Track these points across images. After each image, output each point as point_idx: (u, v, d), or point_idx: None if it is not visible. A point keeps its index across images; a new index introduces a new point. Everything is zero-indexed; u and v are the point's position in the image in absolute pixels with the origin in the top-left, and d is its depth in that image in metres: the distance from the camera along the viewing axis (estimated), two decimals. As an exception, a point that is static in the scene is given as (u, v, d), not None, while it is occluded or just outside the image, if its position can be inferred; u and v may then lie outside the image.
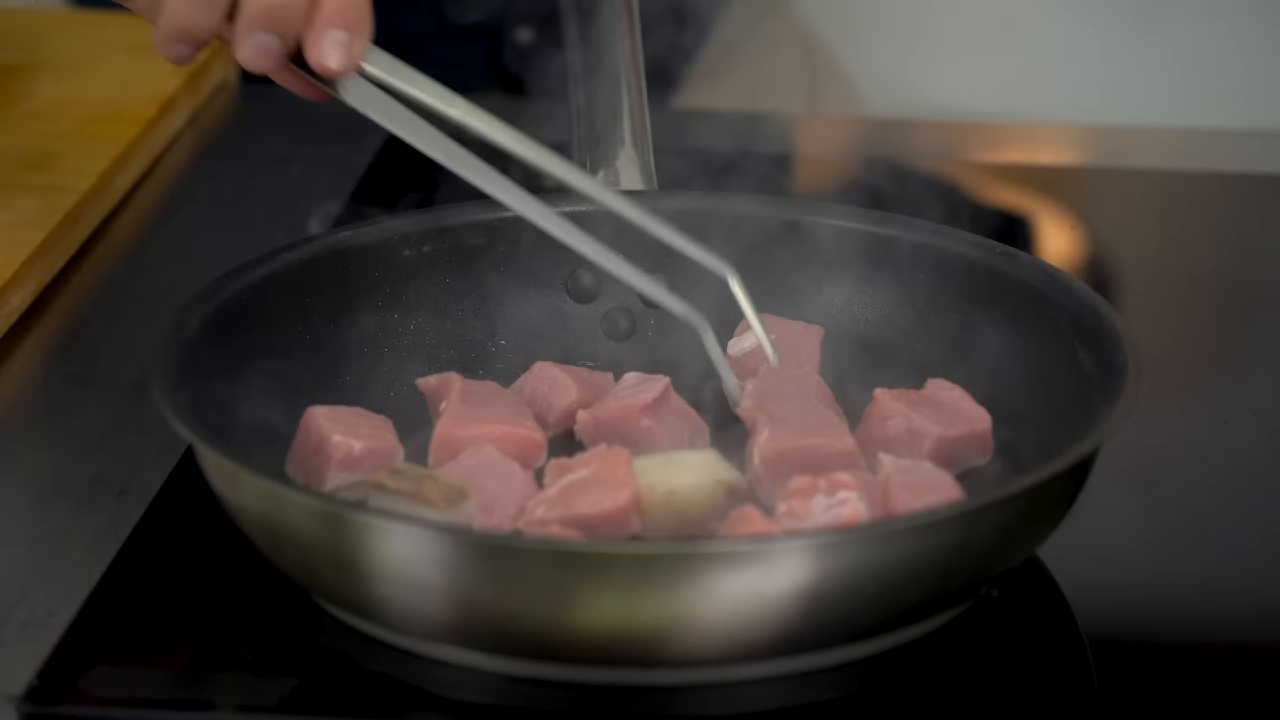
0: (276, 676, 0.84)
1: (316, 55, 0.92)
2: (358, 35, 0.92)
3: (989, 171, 1.30)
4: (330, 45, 0.92)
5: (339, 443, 0.92)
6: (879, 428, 0.94)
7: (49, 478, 0.99)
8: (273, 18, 0.91)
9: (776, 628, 0.81)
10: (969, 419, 0.94)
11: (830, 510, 0.86)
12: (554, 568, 0.80)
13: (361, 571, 0.82)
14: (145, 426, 1.01)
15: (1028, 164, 1.32)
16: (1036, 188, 1.27)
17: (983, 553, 0.84)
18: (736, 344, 1.00)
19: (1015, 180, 1.28)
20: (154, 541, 0.93)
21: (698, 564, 0.79)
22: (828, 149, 1.34)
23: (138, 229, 1.22)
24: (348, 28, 0.92)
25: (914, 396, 0.95)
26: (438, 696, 0.84)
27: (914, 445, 0.93)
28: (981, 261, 0.99)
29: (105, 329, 1.12)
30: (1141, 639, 0.87)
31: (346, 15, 0.91)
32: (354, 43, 0.92)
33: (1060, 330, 0.95)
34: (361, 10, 0.92)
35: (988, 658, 0.86)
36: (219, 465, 0.86)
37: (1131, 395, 0.87)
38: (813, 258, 1.02)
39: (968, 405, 0.95)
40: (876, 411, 0.95)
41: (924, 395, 0.95)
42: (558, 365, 0.99)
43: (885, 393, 0.95)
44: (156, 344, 0.91)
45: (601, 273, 1.03)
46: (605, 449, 0.90)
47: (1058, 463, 0.85)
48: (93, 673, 0.85)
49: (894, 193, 1.17)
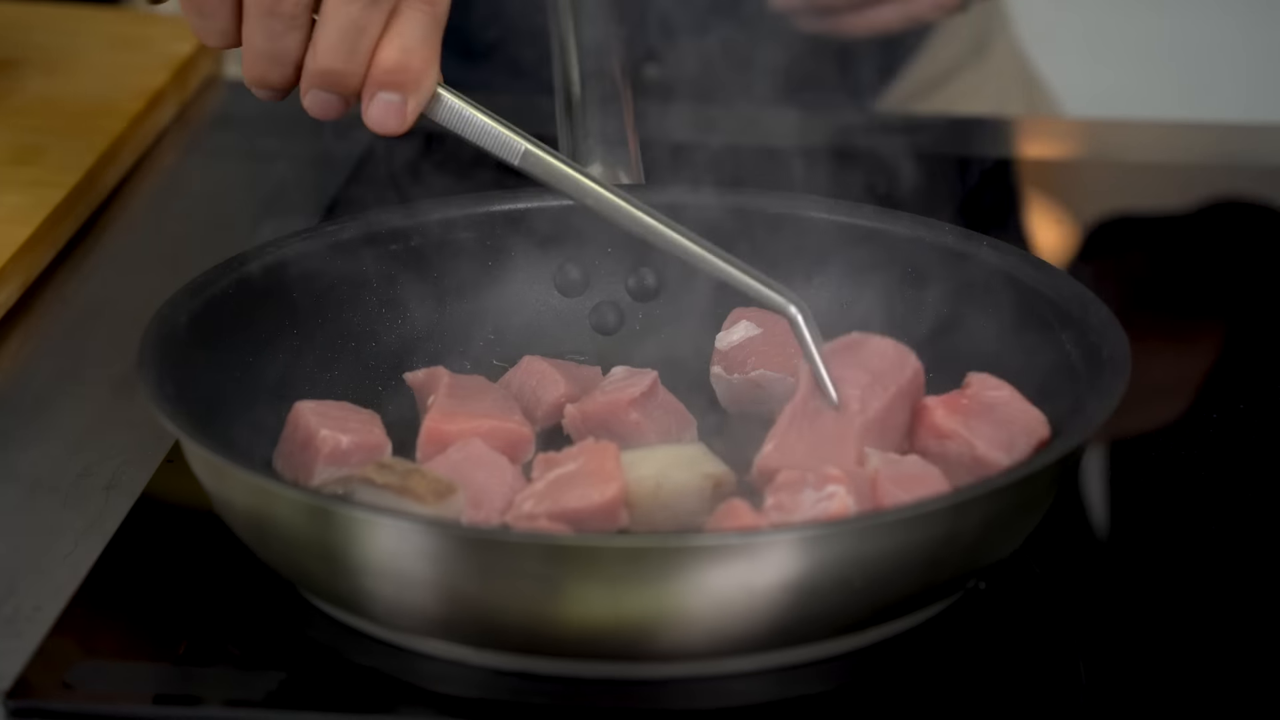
0: (264, 671, 0.84)
1: (368, 117, 0.92)
2: (412, 93, 0.91)
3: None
4: (380, 108, 0.91)
5: (326, 437, 0.92)
6: (935, 445, 0.91)
7: (36, 472, 0.98)
8: (328, 78, 0.91)
9: (764, 621, 0.81)
10: (1028, 429, 0.90)
11: (818, 504, 0.86)
12: (541, 561, 0.80)
13: (349, 566, 0.82)
14: (132, 421, 1.01)
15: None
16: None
17: (970, 545, 0.84)
18: (724, 338, 1.00)
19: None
20: (141, 536, 0.93)
21: (685, 558, 0.79)
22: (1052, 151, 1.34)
23: (125, 224, 1.22)
24: (400, 88, 0.91)
25: (966, 405, 0.91)
26: (425, 690, 0.84)
27: (977, 471, 0.90)
28: (969, 254, 0.99)
29: (92, 324, 1.12)
30: (1129, 632, 0.88)
31: (398, 75, 0.90)
32: (408, 102, 0.91)
33: (1047, 323, 0.95)
34: (415, 69, 0.91)
35: (976, 651, 0.86)
36: (206, 460, 0.86)
37: (1118, 389, 0.87)
38: (800, 250, 1.02)
39: (1023, 410, 0.90)
40: (930, 427, 0.91)
41: (975, 401, 0.91)
42: (546, 359, 0.99)
43: (936, 403, 0.91)
44: (144, 339, 0.91)
45: (589, 267, 1.03)
46: (593, 443, 0.89)
47: (1044, 456, 0.85)
48: (80, 667, 0.84)
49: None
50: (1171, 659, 0.86)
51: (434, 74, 0.92)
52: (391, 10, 0.90)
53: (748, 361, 0.99)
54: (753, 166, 1.11)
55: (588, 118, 1.05)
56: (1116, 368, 0.89)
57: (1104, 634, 0.87)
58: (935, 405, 0.91)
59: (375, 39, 0.90)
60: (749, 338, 0.99)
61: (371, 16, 0.90)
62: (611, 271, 1.04)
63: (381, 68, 0.90)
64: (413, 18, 0.90)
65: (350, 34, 0.90)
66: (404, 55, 0.90)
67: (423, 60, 0.91)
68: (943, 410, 0.91)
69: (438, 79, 0.92)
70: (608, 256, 1.04)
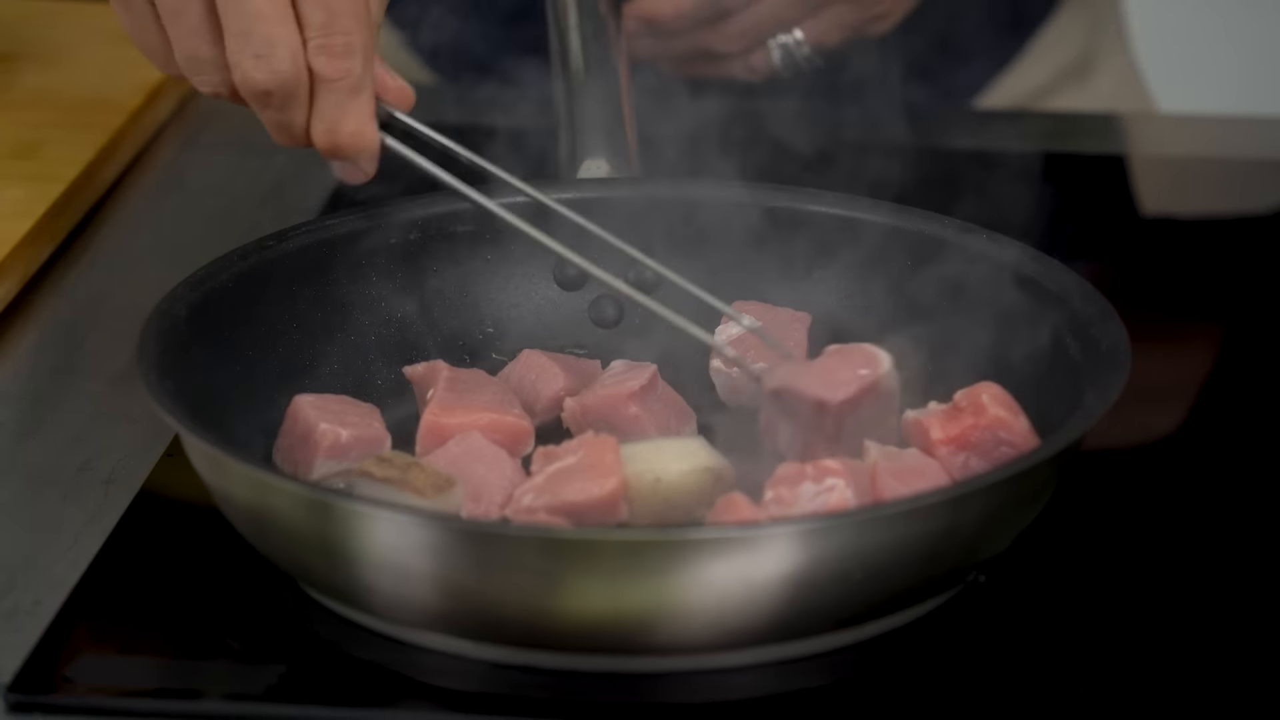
0: (263, 665, 0.84)
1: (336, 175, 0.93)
2: (357, 158, 0.91)
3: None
4: (338, 170, 0.92)
5: (326, 431, 0.92)
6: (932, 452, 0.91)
7: (36, 467, 0.98)
8: (280, 133, 0.91)
9: (763, 614, 0.81)
10: (1018, 448, 0.90)
11: (818, 497, 0.86)
12: (541, 555, 0.80)
13: (348, 559, 0.82)
14: (132, 415, 1.01)
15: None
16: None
17: (970, 538, 0.84)
18: (724, 331, 1.00)
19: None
20: (141, 530, 0.93)
21: (684, 551, 0.79)
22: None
23: (125, 218, 1.22)
24: (342, 158, 0.91)
25: (966, 428, 0.91)
26: (424, 684, 0.83)
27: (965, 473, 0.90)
28: (969, 247, 0.99)
29: (92, 318, 1.12)
30: (1129, 625, 0.87)
31: (336, 152, 0.91)
32: (359, 161, 0.91)
33: (1047, 315, 0.95)
34: (347, 146, 0.90)
35: (975, 644, 0.86)
36: (206, 453, 0.86)
37: (1117, 382, 0.87)
38: (800, 244, 1.02)
39: (1017, 431, 0.91)
40: (923, 445, 0.91)
41: (974, 421, 0.91)
42: (545, 353, 0.99)
43: (929, 422, 0.91)
44: (144, 333, 0.91)
45: (588, 261, 1.03)
46: (593, 436, 0.89)
47: (1044, 449, 0.85)
48: (80, 661, 0.84)
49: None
50: (1171, 653, 0.86)
51: (369, 138, 0.91)
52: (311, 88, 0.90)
53: (747, 355, 0.98)
54: (786, 163, 1.12)
55: (587, 110, 1.05)
56: (1115, 361, 0.89)
57: (1104, 627, 0.87)
58: (929, 425, 0.91)
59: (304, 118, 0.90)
60: (748, 331, 0.99)
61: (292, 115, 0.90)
62: (611, 265, 1.04)
63: (319, 146, 0.91)
64: (327, 96, 0.90)
65: (280, 124, 0.91)
66: (331, 134, 0.90)
67: (352, 132, 0.90)
68: (941, 437, 0.91)
69: (376, 139, 0.91)
70: (607, 250, 1.03)
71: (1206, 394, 1.05)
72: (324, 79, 0.89)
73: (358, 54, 0.89)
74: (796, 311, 1.01)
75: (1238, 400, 1.04)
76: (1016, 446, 0.90)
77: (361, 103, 0.90)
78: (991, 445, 0.91)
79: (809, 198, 1.02)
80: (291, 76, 0.88)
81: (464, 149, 0.96)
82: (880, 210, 1.01)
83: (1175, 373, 1.06)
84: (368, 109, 0.90)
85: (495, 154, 1.00)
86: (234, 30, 0.88)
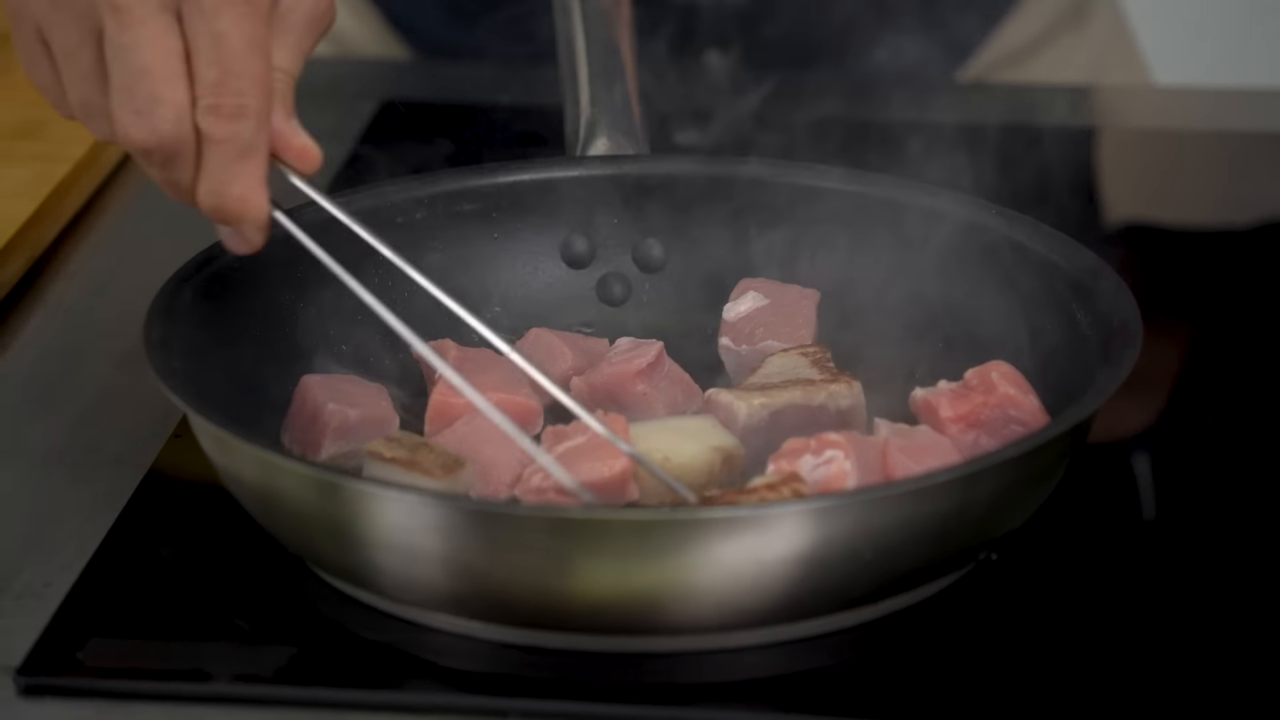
0: (273, 646, 0.84)
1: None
2: (242, 224, 0.86)
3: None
4: (224, 236, 0.88)
5: (334, 411, 0.92)
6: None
7: (43, 448, 0.98)
8: (167, 189, 0.87)
9: (773, 594, 0.81)
10: (1028, 426, 0.90)
11: (817, 469, 0.85)
12: (549, 534, 0.80)
13: (357, 540, 0.82)
14: (141, 396, 1.01)
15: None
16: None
17: (981, 516, 0.84)
18: (732, 308, 0.99)
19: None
20: (150, 512, 0.93)
21: (693, 530, 0.79)
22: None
23: (130, 198, 1.22)
24: (226, 222, 0.87)
25: (976, 407, 0.90)
26: (434, 664, 0.83)
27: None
28: (978, 223, 0.98)
29: (98, 299, 1.12)
30: (1140, 604, 0.87)
31: (220, 214, 0.86)
32: (244, 230, 0.87)
33: (1058, 292, 0.94)
34: (233, 210, 0.85)
35: (987, 623, 0.86)
36: (214, 434, 0.86)
37: (1129, 358, 0.87)
38: (809, 220, 1.01)
39: (1027, 409, 0.90)
40: (933, 423, 0.91)
41: (984, 399, 0.90)
42: (553, 331, 0.99)
43: (938, 401, 0.91)
44: (150, 313, 0.91)
45: (596, 239, 1.03)
46: (602, 416, 0.89)
47: (1055, 425, 0.85)
48: (90, 643, 0.84)
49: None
50: (1183, 632, 0.86)
51: (256, 205, 0.86)
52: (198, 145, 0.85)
53: (755, 332, 0.98)
54: (809, 139, 1.12)
55: (593, 87, 1.05)
56: (1127, 336, 0.89)
57: (1115, 606, 0.87)
58: (938, 402, 0.91)
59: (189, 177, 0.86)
60: (757, 308, 0.99)
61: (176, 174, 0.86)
62: (618, 243, 1.03)
63: (203, 208, 0.86)
64: (214, 158, 0.85)
65: (165, 181, 0.87)
66: (216, 196, 0.85)
67: (237, 198, 0.86)
68: (952, 415, 0.91)
69: (265, 207, 0.86)
70: (614, 228, 1.03)
71: (1201, 385, 1.05)
72: (211, 140, 0.84)
73: (250, 117, 0.84)
74: (805, 289, 1.00)
75: (1242, 390, 1.04)
76: (1026, 425, 0.90)
77: (251, 167, 0.85)
78: (1001, 424, 0.90)
79: (815, 173, 1.02)
80: (172, 137, 0.84)
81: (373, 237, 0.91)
82: (888, 185, 1.01)
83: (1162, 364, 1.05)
84: (257, 174, 0.85)
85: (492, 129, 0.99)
86: (117, 84, 0.84)
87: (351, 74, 1.37)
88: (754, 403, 0.92)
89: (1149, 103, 1.37)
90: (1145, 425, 1.00)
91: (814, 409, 0.92)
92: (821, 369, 0.94)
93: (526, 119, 1.20)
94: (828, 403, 0.92)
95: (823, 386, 0.93)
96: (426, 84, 1.34)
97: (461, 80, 1.32)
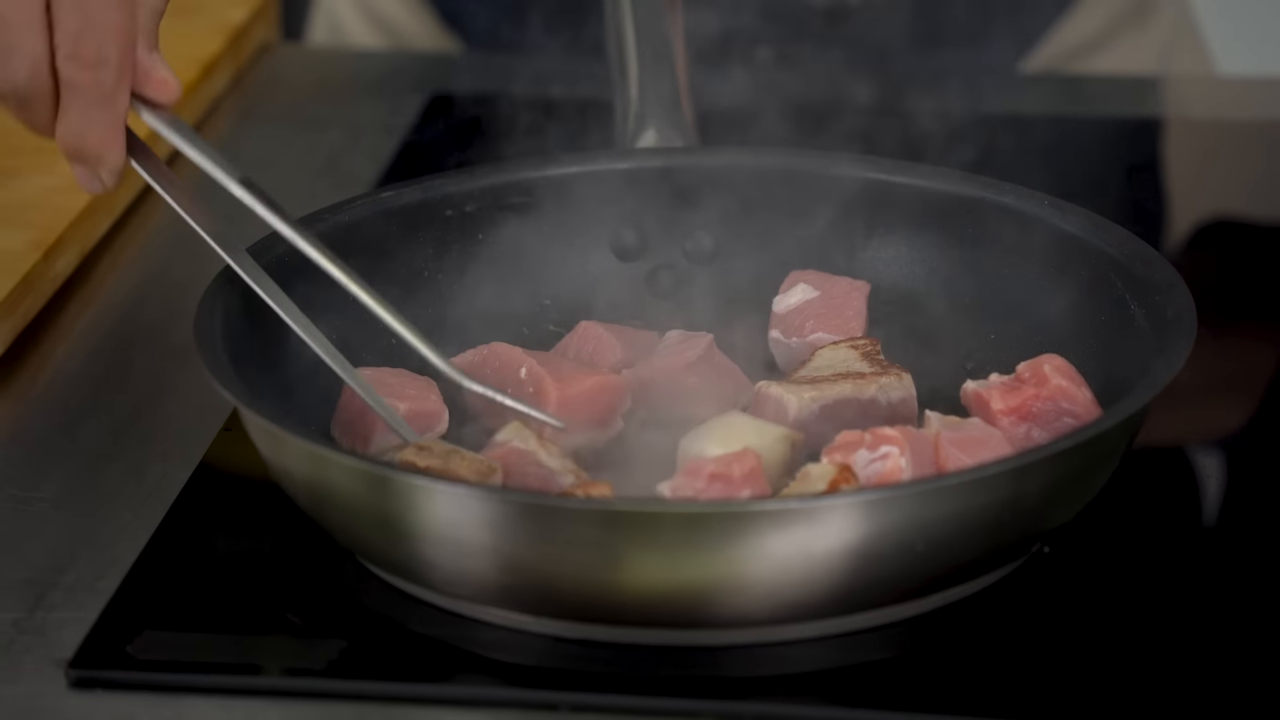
0: (323, 639, 0.84)
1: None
2: (98, 167, 0.89)
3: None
4: (77, 175, 0.90)
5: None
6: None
7: (94, 443, 0.99)
8: (27, 127, 0.89)
9: (825, 587, 0.80)
10: (1080, 419, 0.89)
11: (871, 464, 0.85)
12: (601, 528, 0.79)
13: (406, 533, 0.82)
14: (190, 390, 1.01)
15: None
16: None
17: (1034, 509, 0.83)
18: (782, 301, 0.99)
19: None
20: (201, 505, 0.93)
21: (745, 523, 0.79)
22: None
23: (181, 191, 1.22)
24: (82, 163, 0.89)
25: (1027, 399, 0.90)
26: (483, 658, 0.83)
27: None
28: (1031, 214, 0.98)
29: (150, 292, 1.12)
30: (1195, 597, 0.86)
31: (77, 155, 0.88)
32: (99, 172, 0.89)
33: (1112, 282, 0.94)
34: (91, 152, 0.88)
35: (1040, 616, 0.85)
36: (263, 428, 0.86)
37: (1184, 349, 0.86)
38: (858, 210, 1.01)
39: (1079, 401, 0.90)
40: (984, 416, 0.90)
41: (1036, 392, 0.90)
42: (602, 324, 0.99)
43: (989, 394, 0.90)
44: (200, 307, 0.91)
45: (645, 231, 1.03)
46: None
47: (1110, 417, 0.84)
48: (140, 637, 0.85)
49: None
50: (1238, 624, 0.85)
51: (114, 150, 0.89)
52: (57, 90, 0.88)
53: (805, 325, 0.98)
54: (861, 130, 1.11)
55: (642, 79, 1.04)
56: (1182, 327, 0.88)
57: (1169, 599, 0.86)
58: (988, 396, 0.90)
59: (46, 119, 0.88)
60: (806, 301, 0.99)
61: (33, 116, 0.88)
62: (668, 235, 1.03)
63: (62, 149, 0.89)
64: (74, 103, 0.88)
65: (23, 121, 0.89)
66: (76, 139, 0.88)
67: (97, 141, 0.88)
68: (1004, 409, 0.90)
69: (122, 153, 0.89)
70: (664, 220, 1.03)
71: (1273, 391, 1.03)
72: (72, 86, 0.87)
73: (111, 66, 0.87)
74: (855, 280, 1.00)
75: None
76: (1079, 417, 0.89)
77: (111, 114, 0.88)
78: (1054, 416, 0.90)
79: (866, 164, 1.02)
80: (25, 84, 0.87)
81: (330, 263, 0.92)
82: (940, 177, 1.00)
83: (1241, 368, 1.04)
84: (117, 120, 0.88)
85: (539, 122, 0.99)
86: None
87: (402, 67, 1.38)
88: (805, 396, 0.91)
89: (1216, 94, 1.35)
90: (1232, 430, 0.99)
91: (865, 402, 0.91)
92: (872, 362, 0.94)
93: (576, 112, 1.20)
94: (879, 395, 0.92)
95: (873, 379, 0.92)
96: (477, 77, 1.34)
97: (511, 73, 1.32)
